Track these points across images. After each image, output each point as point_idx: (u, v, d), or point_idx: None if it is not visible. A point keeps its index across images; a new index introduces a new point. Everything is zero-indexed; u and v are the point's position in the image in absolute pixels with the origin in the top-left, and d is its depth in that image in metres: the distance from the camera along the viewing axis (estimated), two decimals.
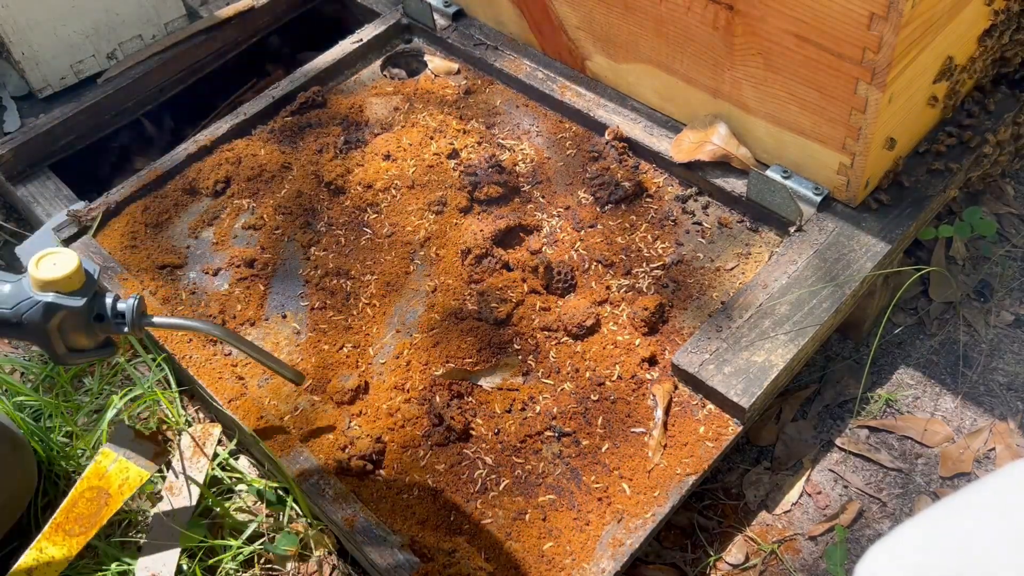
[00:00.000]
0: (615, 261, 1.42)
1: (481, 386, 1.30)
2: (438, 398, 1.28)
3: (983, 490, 0.62)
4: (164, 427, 1.42)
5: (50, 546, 1.15)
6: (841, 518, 1.30)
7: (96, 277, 1.10)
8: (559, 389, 1.29)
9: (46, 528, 1.17)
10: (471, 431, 1.26)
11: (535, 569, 1.13)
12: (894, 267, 1.38)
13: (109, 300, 1.11)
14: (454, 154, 1.59)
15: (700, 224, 1.45)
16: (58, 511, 1.18)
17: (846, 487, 1.34)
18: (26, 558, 1.14)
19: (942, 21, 1.22)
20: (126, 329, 1.12)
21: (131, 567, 1.26)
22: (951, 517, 0.62)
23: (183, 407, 1.43)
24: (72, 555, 1.15)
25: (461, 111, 1.67)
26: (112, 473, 1.20)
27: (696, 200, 1.48)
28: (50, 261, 1.06)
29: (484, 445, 1.25)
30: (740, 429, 1.21)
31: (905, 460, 1.36)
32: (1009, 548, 0.57)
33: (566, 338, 1.34)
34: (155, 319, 1.16)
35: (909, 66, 1.22)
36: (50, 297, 1.05)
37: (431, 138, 1.61)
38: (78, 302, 1.07)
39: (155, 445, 1.24)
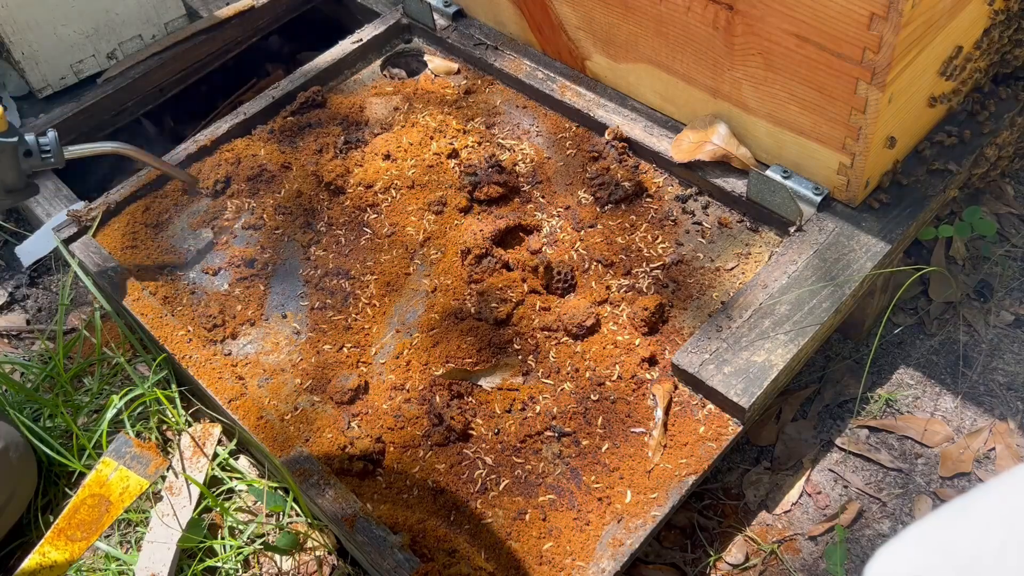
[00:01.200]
0: (615, 261, 1.42)
1: (481, 386, 1.30)
2: (438, 398, 1.28)
3: (991, 493, 0.62)
4: (164, 427, 1.42)
5: (52, 551, 1.17)
6: (841, 518, 1.30)
7: (17, 124, 1.30)
8: (559, 389, 1.29)
9: (48, 533, 1.18)
10: (471, 431, 1.26)
11: (535, 569, 1.13)
12: (894, 267, 1.38)
13: (32, 137, 1.30)
14: (454, 154, 1.59)
15: (700, 224, 1.45)
16: (60, 517, 1.19)
17: (846, 487, 1.34)
18: (29, 562, 1.15)
19: (942, 21, 1.22)
20: (52, 160, 1.31)
21: (130, 567, 1.26)
22: (959, 520, 0.62)
23: (183, 407, 1.43)
24: (74, 559, 1.16)
25: (461, 111, 1.67)
26: (113, 481, 1.21)
27: (696, 200, 1.48)
28: None
29: (484, 445, 1.25)
30: (740, 429, 1.21)
31: (905, 460, 1.36)
32: (1017, 552, 0.57)
33: (566, 338, 1.34)
34: (71, 148, 1.35)
35: (909, 66, 1.22)
36: None
37: (431, 138, 1.61)
38: (9, 138, 1.26)
39: (155, 455, 1.25)
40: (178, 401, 1.42)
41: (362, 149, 1.62)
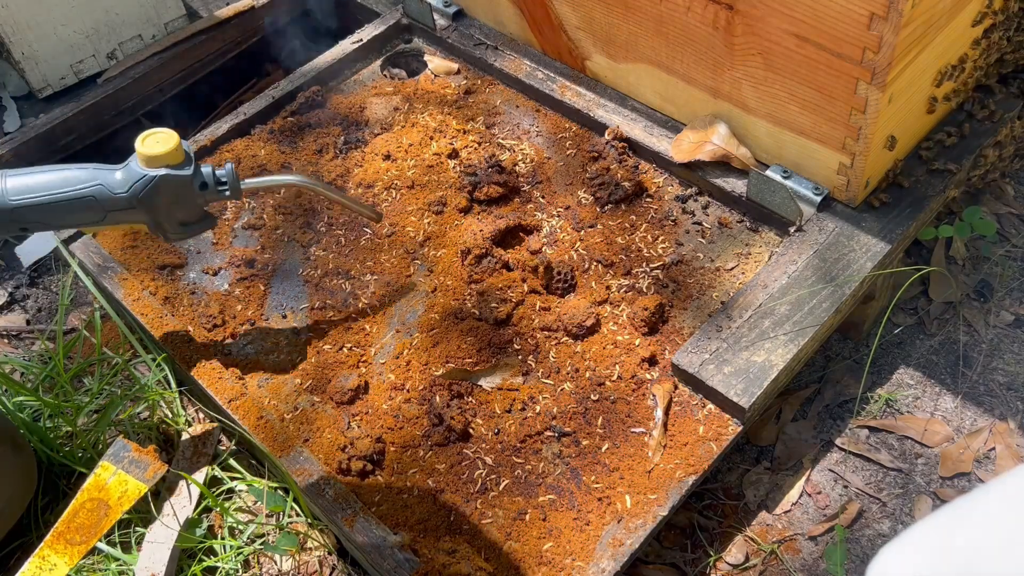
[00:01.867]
0: (615, 261, 1.42)
1: (481, 386, 1.30)
2: (438, 398, 1.28)
3: (991, 494, 0.62)
4: (164, 427, 1.42)
5: (52, 554, 1.17)
6: (841, 518, 1.30)
7: (192, 153, 1.19)
8: (559, 389, 1.29)
9: (48, 536, 1.18)
10: (471, 431, 1.26)
11: (535, 569, 1.13)
12: (894, 267, 1.38)
13: (208, 169, 1.20)
14: (454, 154, 1.59)
15: (700, 224, 1.45)
16: (59, 520, 1.19)
17: (846, 487, 1.34)
18: (29, 566, 1.15)
19: (942, 21, 1.22)
20: (228, 193, 1.21)
21: (130, 567, 1.26)
22: (960, 521, 0.62)
23: (183, 407, 1.43)
24: (73, 563, 1.16)
25: (461, 111, 1.67)
26: (111, 486, 1.22)
27: (696, 200, 1.48)
28: (153, 140, 1.15)
29: (484, 445, 1.25)
30: (740, 429, 1.21)
31: (905, 460, 1.36)
32: (1018, 552, 0.57)
33: (566, 338, 1.34)
34: (249, 181, 1.26)
35: (909, 66, 1.22)
36: (162, 171, 1.15)
37: (431, 138, 1.61)
38: (186, 172, 1.17)
39: (153, 460, 1.25)
40: (178, 401, 1.42)
41: (362, 149, 1.62)
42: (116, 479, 1.23)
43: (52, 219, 1.16)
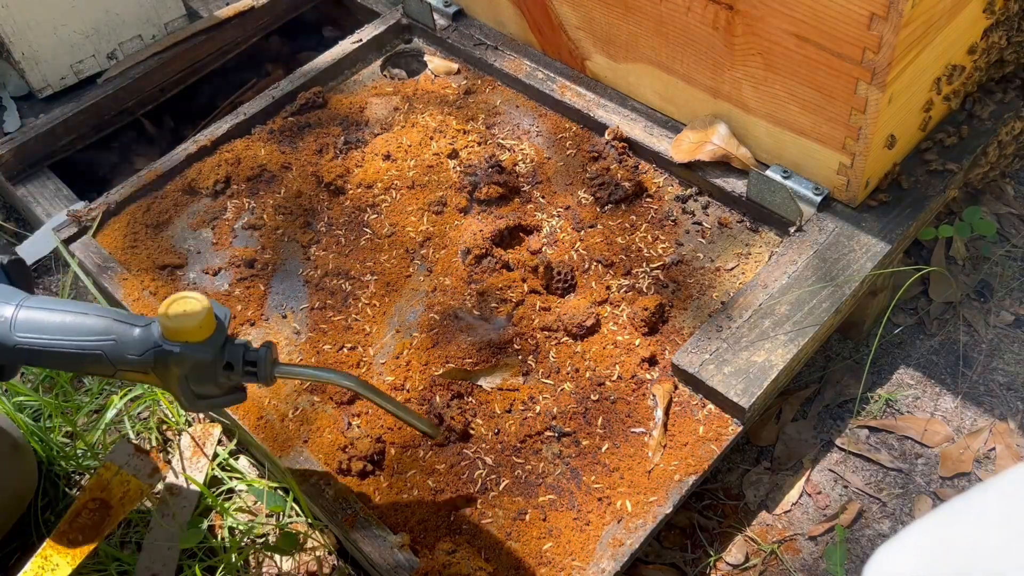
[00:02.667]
0: (615, 261, 1.42)
1: (481, 386, 1.30)
2: (438, 398, 1.28)
3: (989, 492, 0.62)
4: (164, 427, 1.42)
5: (54, 554, 1.17)
6: (841, 518, 1.30)
7: (227, 323, 1.03)
8: (559, 389, 1.29)
9: (50, 537, 1.18)
10: (471, 431, 1.26)
11: (535, 569, 1.13)
12: (894, 267, 1.38)
13: (239, 348, 1.03)
14: (454, 154, 1.59)
15: (700, 224, 1.45)
16: (61, 521, 1.19)
17: (846, 487, 1.34)
18: (31, 566, 1.15)
19: (942, 21, 1.22)
20: (256, 379, 1.05)
21: (131, 567, 1.26)
22: (959, 518, 0.62)
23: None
24: (76, 564, 1.16)
25: (461, 111, 1.67)
26: (113, 486, 1.22)
27: (696, 200, 1.48)
28: (180, 307, 0.99)
29: (484, 445, 1.25)
30: (740, 429, 1.21)
31: (905, 460, 1.36)
32: (1016, 551, 0.57)
33: (566, 338, 1.34)
34: (285, 367, 1.08)
35: (909, 66, 1.22)
36: (178, 348, 0.99)
37: (431, 138, 1.61)
38: (207, 354, 1.00)
39: (155, 461, 1.25)
40: None
41: (362, 149, 1.62)
42: (118, 479, 1.23)
43: (57, 364, 1.04)
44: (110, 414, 1.37)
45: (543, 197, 1.52)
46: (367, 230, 1.51)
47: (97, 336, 1.00)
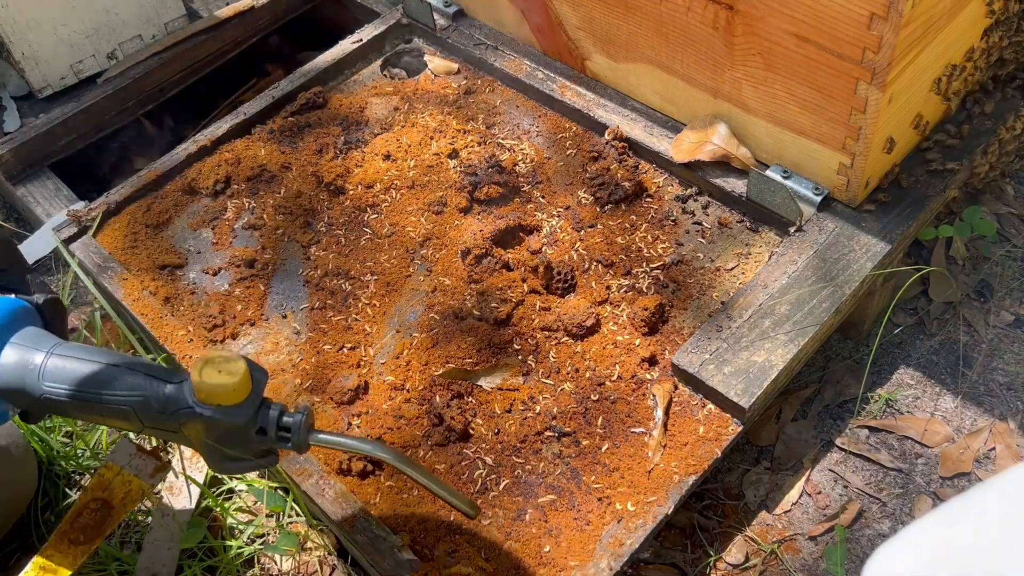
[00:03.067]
0: (615, 261, 1.42)
1: (481, 386, 1.30)
2: (438, 398, 1.28)
3: (989, 492, 0.62)
4: None
5: (56, 554, 1.17)
6: (841, 518, 1.30)
7: (263, 385, 0.99)
8: (559, 389, 1.29)
9: (51, 537, 1.18)
10: (471, 431, 1.26)
11: (535, 569, 1.13)
12: (894, 267, 1.38)
13: (274, 413, 0.98)
14: (454, 154, 1.59)
15: (700, 224, 1.45)
16: (63, 521, 1.19)
17: (846, 487, 1.34)
18: (32, 566, 1.15)
19: (942, 21, 1.22)
20: (289, 446, 0.99)
21: (131, 567, 1.26)
22: (957, 519, 0.62)
23: None
24: (77, 565, 1.16)
25: (461, 111, 1.67)
26: (115, 486, 1.22)
27: (696, 200, 1.48)
28: (215, 368, 0.94)
29: (484, 445, 1.25)
30: (740, 429, 1.21)
31: (905, 460, 1.36)
32: (1015, 551, 0.57)
33: (566, 338, 1.34)
34: (322, 436, 1.02)
35: (909, 66, 1.22)
36: (209, 412, 0.95)
37: (431, 138, 1.61)
38: (239, 419, 0.95)
39: (156, 460, 1.25)
40: None
41: (362, 149, 1.62)
42: (120, 479, 1.23)
43: (84, 417, 1.01)
44: None
45: (543, 197, 1.52)
46: (367, 230, 1.51)
47: (126, 392, 0.96)
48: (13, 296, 1.01)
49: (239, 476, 1.34)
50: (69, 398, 0.96)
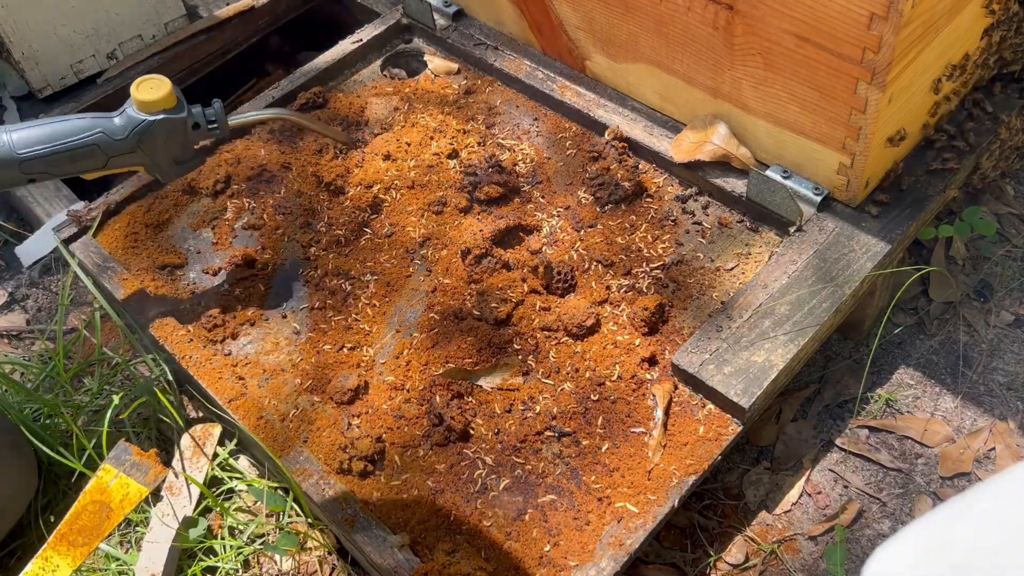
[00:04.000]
0: (615, 261, 1.42)
1: (481, 386, 1.30)
2: (438, 398, 1.28)
3: (989, 491, 0.62)
4: (164, 427, 1.42)
5: (55, 555, 1.18)
6: (841, 518, 1.30)
7: (183, 97, 1.28)
8: (559, 389, 1.29)
9: (51, 538, 1.18)
10: (471, 431, 1.26)
11: (535, 569, 1.13)
12: (894, 267, 1.38)
13: (198, 109, 1.30)
14: (454, 154, 1.59)
15: (700, 224, 1.45)
16: (62, 522, 1.20)
17: (846, 487, 1.34)
18: (32, 567, 1.16)
19: (942, 21, 1.22)
20: (218, 131, 1.32)
21: (130, 567, 1.26)
22: (956, 519, 0.62)
23: (183, 407, 1.43)
24: (76, 565, 1.17)
25: (461, 111, 1.67)
26: (113, 488, 1.23)
27: (696, 200, 1.48)
28: (147, 86, 1.24)
29: (484, 445, 1.25)
30: (740, 429, 1.21)
31: (905, 460, 1.36)
32: (1015, 550, 0.57)
33: (566, 338, 1.34)
34: (235, 118, 1.38)
35: (909, 66, 1.22)
36: (160, 116, 1.25)
37: (431, 138, 1.61)
38: (180, 113, 1.27)
39: (154, 464, 1.26)
40: (178, 401, 1.42)
41: (362, 149, 1.62)
42: (118, 482, 1.24)
43: (58, 168, 1.23)
44: (110, 414, 1.36)
45: (543, 197, 1.52)
46: (367, 230, 1.51)
47: (87, 132, 1.23)
48: None
49: (236, 478, 1.34)
50: (44, 155, 1.21)
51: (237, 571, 1.27)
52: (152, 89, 1.24)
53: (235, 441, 1.38)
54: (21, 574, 1.16)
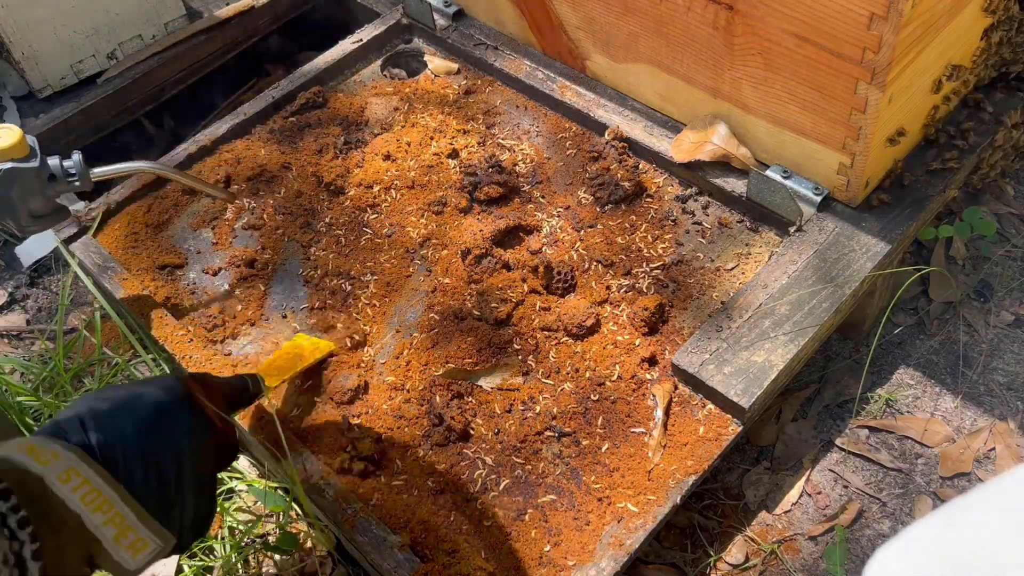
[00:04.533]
0: (615, 261, 1.42)
1: (481, 386, 1.30)
2: (438, 398, 1.28)
3: (990, 493, 0.62)
4: None
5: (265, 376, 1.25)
6: (841, 518, 1.30)
7: (37, 147, 1.24)
8: (559, 389, 1.29)
9: (260, 366, 1.30)
10: (471, 431, 1.26)
11: (535, 569, 1.13)
12: (894, 267, 1.38)
13: (55, 160, 1.25)
14: (454, 154, 1.59)
15: (700, 224, 1.45)
16: (259, 366, 1.31)
17: (846, 487, 1.34)
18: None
19: (942, 21, 1.22)
20: (78, 183, 1.27)
21: None
22: (958, 520, 0.62)
23: None
24: (276, 383, 1.26)
25: (461, 111, 1.67)
26: (304, 344, 1.34)
27: (696, 200, 1.48)
28: None
29: (484, 445, 1.25)
30: (740, 429, 1.21)
31: (905, 460, 1.36)
32: (1016, 552, 0.57)
33: (566, 338, 1.34)
34: (97, 169, 1.32)
35: (909, 66, 1.22)
36: (8, 165, 1.20)
37: (431, 138, 1.61)
38: (32, 163, 1.22)
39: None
40: None
41: (362, 149, 1.62)
42: (310, 341, 1.35)
43: None
44: None
45: (543, 197, 1.52)
46: (367, 230, 1.51)
47: None
48: None
49: (236, 478, 1.34)
50: None
51: (237, 571, 1.27)
52: (2, 139, 1.20)
53: None
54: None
